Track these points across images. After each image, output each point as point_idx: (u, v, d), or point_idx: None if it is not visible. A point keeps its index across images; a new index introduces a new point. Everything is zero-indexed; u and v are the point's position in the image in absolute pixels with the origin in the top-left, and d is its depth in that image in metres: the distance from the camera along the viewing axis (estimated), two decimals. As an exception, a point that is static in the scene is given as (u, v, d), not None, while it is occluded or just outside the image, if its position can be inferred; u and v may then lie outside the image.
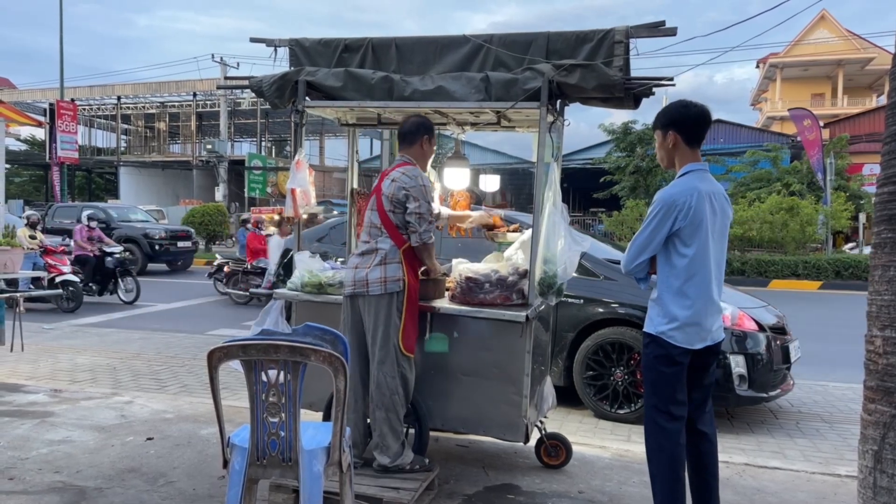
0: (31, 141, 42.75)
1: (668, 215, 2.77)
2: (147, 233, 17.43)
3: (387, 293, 3.33)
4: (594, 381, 5.31)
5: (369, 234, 3.47)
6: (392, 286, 3.33)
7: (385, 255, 3.36)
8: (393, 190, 3.37)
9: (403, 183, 3.36)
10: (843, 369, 6.94)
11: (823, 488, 3.75)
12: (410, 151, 3.55)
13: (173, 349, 7.65)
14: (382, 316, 3.33)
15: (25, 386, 5.54)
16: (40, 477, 3.61)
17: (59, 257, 10.77)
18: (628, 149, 24.86)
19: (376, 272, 3.34)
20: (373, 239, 3.43)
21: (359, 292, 3.38)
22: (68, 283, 10.40)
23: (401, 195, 3.35)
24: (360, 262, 3.43)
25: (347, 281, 3.45)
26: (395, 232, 3.38)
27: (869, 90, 45.95)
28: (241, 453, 2.53)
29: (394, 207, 3.37)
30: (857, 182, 24.51)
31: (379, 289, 3.33)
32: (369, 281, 3.34)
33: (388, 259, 3.36)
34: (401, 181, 3.37)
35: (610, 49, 3.47)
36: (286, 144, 45.83)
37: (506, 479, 3.73)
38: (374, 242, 3.41)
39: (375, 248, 3.40)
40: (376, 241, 3.41)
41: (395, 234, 3.39)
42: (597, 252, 5.60)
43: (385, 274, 3.34)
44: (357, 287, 3.38)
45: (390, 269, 3.35)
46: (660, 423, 2.85)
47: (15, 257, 6.00)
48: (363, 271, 3.38)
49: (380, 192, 3.43)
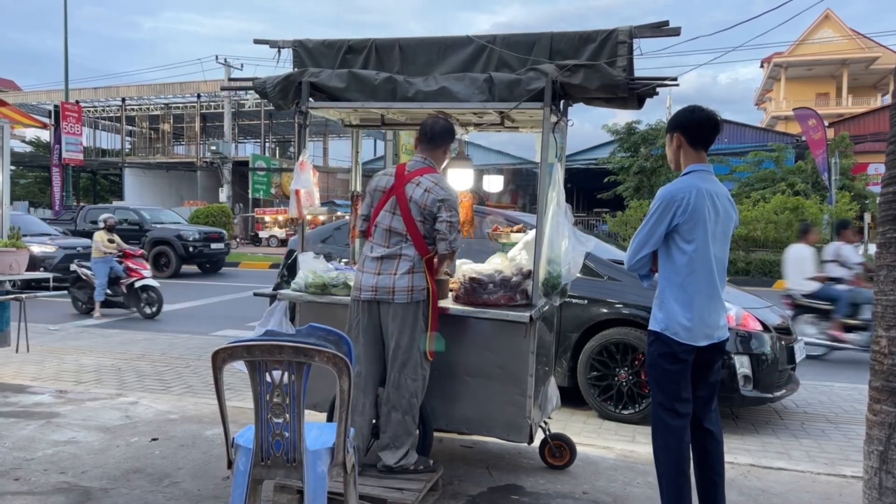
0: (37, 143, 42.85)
1: (668, 210, 2.81)
2: (180, 234, 17.33)
3: (413, 302, 3.30)
4: (598, 381, 5.30)
5: (388, 239, 3.37)
6: (418, 296, 3.31)
7: (413, 264, 3.31)
8: (426, 200, 3.28)
9: (438, 194, 3.29)
10: (848, 370, 6.92)
11: (828, 489, 3.73)
12: (433, 155, 3.46)
13: (178, 350, 7.67)
14: (409, 322, 3.30)
15: (31, 387, 5.56)
16: (46, 477, 3.62)
17: (138, 261, 10.51)
18: (632, 149, 24.86)
19: (404, 281, 3.29)
20: (394, 245, 3.35)
21: (382, 299, 3.31)
22: (148, 287, 10.23)
23: (434, 207, 3.28)
24: (381, 267, 3.34)
25: (366, 285, 3.36)
26: (421, 241, 3.32)
27: (873, 89, 45.82)
28: (245, 454, 2.53)
29: (424, 218, 3.30)
30: (861, 182, 24.42)
31: (405, 297, 3.29)
32: (396, 289, 3.29)
33: (416, 269, 3.31)
34: (435, 192, 3.29)
35: (613, 49, 3.47)
36: (290, 145, 45.91)
37: (510, 479, 3.73)
38: (398, 249, 3.33)
39: (399, 254, 3.32)
40: (399, 247, 3.33)
41: (422, 243, 3.33)
42: (601, 252, 5.59)
43: (412, 283, 3.30)
44: (380, 294, 3.31)
45: (417, 279, 3.31)
46: (666, 420, 2.87)
47: (20, 258, 6.01)
48: (388, 278, 3.31)
49: (403, 195, 3.33)
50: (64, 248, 13.42)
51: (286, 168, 33.62)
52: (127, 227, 17.84)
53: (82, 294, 10.59)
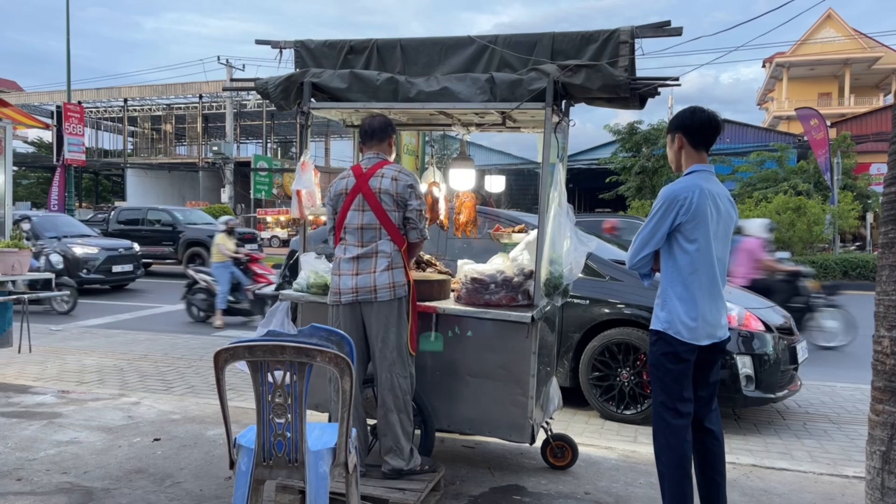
0: (39, 143, 42.93)
1: (670, 210, 2.82)
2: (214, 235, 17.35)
3: (395, 298, 3.31)
4: (600, 381, 5.30)
5: (361, 237, 3.34)
6: (400, 291, 3.31)
7: (391, 260, 3.31)
8: (397, 188, 3.30)
9: (405, 180, 3.32)
10: (850, 370, 6.91)
11: (831, 489, 3.73)
12: (381, 149, 3.48)
13: (180, 350, 7.68)
14: (393, 320, 3.31)
15: (33, 387, 5.56)
16: (48, 478, 3.63)
17: (264, 265, 10.15)
18: (634, 149, 24.85)
19: (384, 278, 3.29)
20: (368, 242, 3.34)
21: (364, 299, 3.30)
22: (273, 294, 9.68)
23: (406, 193, 3.31)
24: (359, 267, 3.32)
25: (345, 288, 3.33)
26: (396, 231, 3.33)
27: (876, 89, 45.75)
28: (247, 454, 2.53)
29: (395, 206, 3.31)
30: (864, 181, 24.39)
31: (388, 294, 3.29)
32: (378, 287, 3.28)
33: (394, 264, 3.32)
34: (402, 179, 3.32)
35: (615, 49, 3.47)
36: (292, 146, 45.97)
37: (512, 479, 3.73)
38: (373, 245, 3.33)
39: (375, 251, 3.32)
40: (374, 244, 3.33)
41: (397, 234, 3.33)
42: (603, 253, 5.59)
43: (393, 279, 3.30)
44: (361, 294, 3.30)
45: (397, 275, 3.31)
46: (667, 420, 2.87)
47: (23, 259, 6.02)
48: (368, 277, 3.30)
49: (369, 190, 3.32)
50: (106, 250, 13.17)
51: (288, 168, 33.64)
52: (160, 227, 17.83)
53: (200, 301, 9.97)
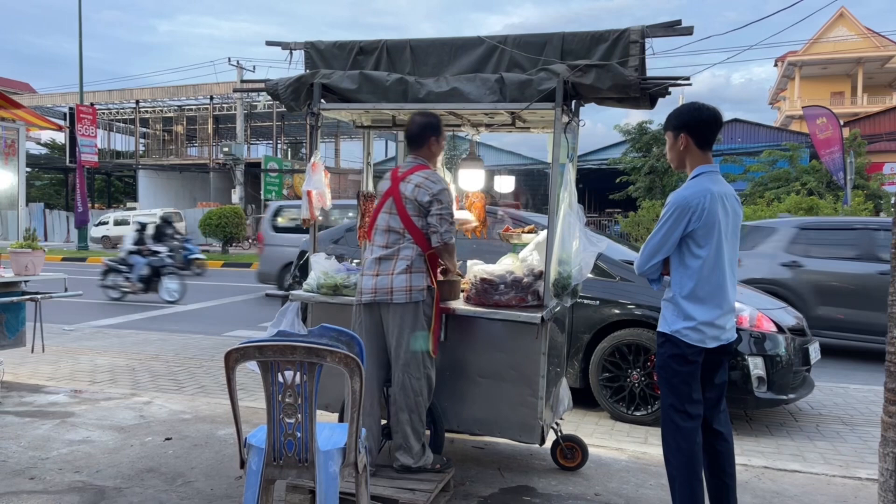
0: (52, 145, 43.29)
1: (682, 217, 2.78)
2: None
3: (412, 301, 3.32)
4: (610, 382, 5.28)
5: (387, 238, 3.41)
6: (417, 296, 3.32)
7: (411, 263, 3.33)
8: (417, 194, 3.33)
9: (428, 188, 3.34)
10: (863, 371, 6.86)
11: (843, 492, 3.70)
12: (421, 153, 3.52)
13: (191, 350, 7.71)
14: (408, 322, 3.32)
15: (46, 387, 5.61)
16: (60, 477, 3.66)
17: None
18: (644, 149, 24.76)
19: (401, 280, 3.31)
20: (392, 245, 3.38)
21: (381, 300, 3.34)
22: None
23: (425, 200, 3.32)
24: (379, 268, 3.37)
25: (366, 288, 3.39)
26: (420, 237, 3.36)
27: (889, 88, 45.37)
28: (257, 454, 2.54)
29: (417, 212, 3.35)
30: (876, 181, 24.18)
31: (404, 297, 3.30)
32: (394, 289, 3.31)
33: (413, 268, 3.33)
34: (425, 186, 3.34)
35: (625, 49, 3.45)
36: (302, 147, 46.11)
37: (521, 480, 3.72)
38: (396, 248, 3.37)
39: (397, 254, 3.36)
40: (397, 246, 3.37)
41: (420, 238, 3.36)
42: (613, 253, 5.57)
43: (410, 283, 3.31)
44: (378, 295, 3.34)
45: (415, 279, 3.33)
46: (677, 422, 2.85)
47: (36, 259, 6.07)
48: (386, 278, 3.33)
49: (398, 194, 3.38)
50: None
51: (298, 169, 33.74)
52: None
53: None
